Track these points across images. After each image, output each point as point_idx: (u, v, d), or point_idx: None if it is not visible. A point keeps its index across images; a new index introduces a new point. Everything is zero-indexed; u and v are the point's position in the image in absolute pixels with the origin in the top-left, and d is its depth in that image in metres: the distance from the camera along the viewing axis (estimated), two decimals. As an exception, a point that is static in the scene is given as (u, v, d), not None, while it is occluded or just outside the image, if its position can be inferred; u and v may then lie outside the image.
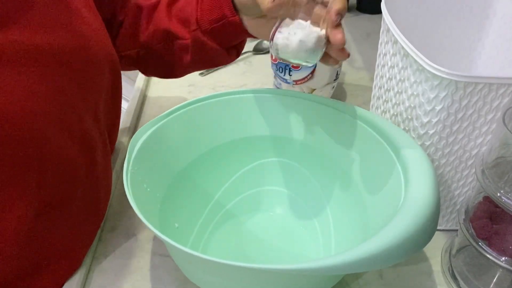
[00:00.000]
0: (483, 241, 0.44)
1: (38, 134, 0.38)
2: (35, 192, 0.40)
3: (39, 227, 0.42)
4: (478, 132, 0.45)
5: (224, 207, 0.55)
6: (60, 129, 0.41)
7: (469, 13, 0.58)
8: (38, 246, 0.43)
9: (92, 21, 0.46)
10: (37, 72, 0.39)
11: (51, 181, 0.41)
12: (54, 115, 0.40)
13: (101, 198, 0.51)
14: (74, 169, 0.44)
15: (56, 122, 0.40)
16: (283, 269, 0.35)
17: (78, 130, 0.44)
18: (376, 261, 0.34)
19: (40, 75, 0.39)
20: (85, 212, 0.47)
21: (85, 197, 0.47)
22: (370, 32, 0.95)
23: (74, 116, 0.43)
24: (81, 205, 0.46)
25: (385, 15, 0.50)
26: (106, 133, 0.51)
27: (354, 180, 0.49)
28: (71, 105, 0.42)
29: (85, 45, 0.44)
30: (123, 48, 0.58)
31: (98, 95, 0.48)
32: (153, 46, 0.56)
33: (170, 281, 0.49)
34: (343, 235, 0.49)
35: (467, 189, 0.51)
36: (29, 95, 0.38)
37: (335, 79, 0.70)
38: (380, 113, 0.56)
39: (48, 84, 0.39)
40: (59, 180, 0.42)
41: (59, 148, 0.41)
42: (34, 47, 0.38)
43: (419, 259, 0.51)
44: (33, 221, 0.41)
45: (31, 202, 0.40)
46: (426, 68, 0.42)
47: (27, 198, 0.39)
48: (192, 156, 0.52)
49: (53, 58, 0.40)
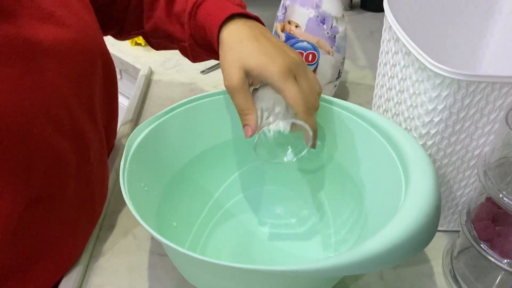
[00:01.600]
0: (485, 242, 0.43)
1: (25, 127, 0.38)
2: (22, 186, 0.39)
3: (27, 222, 0.41)
4: (480, 132, 0.44)
5: (223, 206, 0.54)
6: (48, 123, 0.40)
7: (474, 11, 0.57)
8: (27, 242, 0.43)
9: (83, 14, 0.46)
10: (26, 65, 0.38)
11: (38, 175, 0.40)
12: (42, 108, 0.39)
13: (95, 196, 0.50)
14: (64, 164, 0.43)
15: (44, 116, 0.40)
16: (281, 271, 0.34)
17: (69, 125, 0.43)
18: (376, 262, 0.34)
19: (28, 68, 0.38)
20: (78, 208, 0.47)
21: (78, 194, 0.46)
22: (374, 30, 0.95)
23: (64, 111, 0.42)
24: (73, 201, 0.46)
25: (387, 12, 0.49)
26: (103, 130, 0.51)
27: (354, 179, 0.48)
28: (62, 100, 0.42)
29: (77, 38, 0.43)
30: (131, 28, 0.60)
31: (91, 91, 0.47)
32: (156, 39, 0.58)
33: (168, 280, 0.48)
34: (342, 235, 0.49)
35: (469, 190, 0.50)
36: (16, 88, 0.37)
37: (337, 78, 0.69)
38: (382, 112, 0.56)
39: (36, 78, 0.39)
40: (47, 175, 0.41)
41: (47, 143, 0.40)
42: (24, 40, 0.38)
43: (420, 260, 0.51)
44: (20, 215, 0.40)
45: (17, 196, 0.39)
46: (428, 67, 0.41)
47: (13, 193, 0.39)
48: (191, 155, 0.51)
49: (43, 52, 0.40)
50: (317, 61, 0.66)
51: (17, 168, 0.38)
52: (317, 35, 0.64)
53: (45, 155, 0.40)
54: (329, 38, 0.64)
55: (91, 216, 0.51)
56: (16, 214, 0.40)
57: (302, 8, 0.63)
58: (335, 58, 0.66)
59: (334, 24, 0.64)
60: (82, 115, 0.45)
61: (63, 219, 0.45)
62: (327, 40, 0.64)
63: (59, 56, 0.41)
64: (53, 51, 0.41)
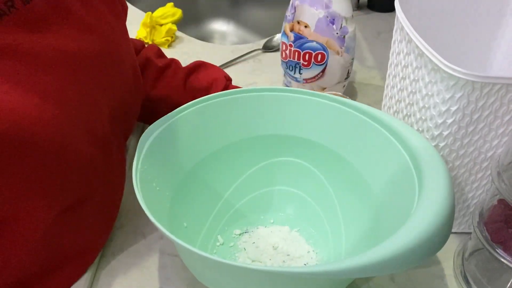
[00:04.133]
0: (498, 244, 0.43)
1: (64, 138, 0.38)
2: (57, 192, 0.39)
3: (58, 228, 0.42)
4: (494, 134, 0.44)
5: (234, 206, 0.54)
6: (84, 132, 0.41)
7: (485, 12, 0.57)
8: (54, 247, 0.43)
9: (115, 25, 0.46)
10: (68, 77, 0.39)
11: (73, 183, 0.41)
12: (80, 119, 0.40)
13: (115, 198, 0.51)
14: (94, 172, 0.44)
15: (81, 127, 0.40)
16: (293, 272, 0.34)
17: (100, 133, 0.44)
18: (388, 266, 0.33)
19: (70, 80, 0.39)
20: (98, 212, 0.47)
21: (100, 198, 0.46)
22: (381, 30, 0.94)
23: (97, 121, 0.43)
24: (96, 206, 0.46)
25: (398, 13, 0.49)
26: (122, 135, 0.51)
27: (366, 181, 0.48)
28: (96, 110, 0.43)
29: (111, 50, 0.44)
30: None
31: (120, 99, 0.48)
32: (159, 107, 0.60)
33: (178, 281, 0.48)
34: (354, 238, 0.49)
35: (481, 192, 0.50)
36: (60, 100, 0.38)
37: (346, 78, 0.69)
38: (393, 113, 0.55)
39: (77, 89, 0.40)
40: (79, 182, 0.42)
41: (81, 151, 0.41)
42: (66, 52, 0.38)
43: (431, 262, 0.50)
44: (54, 221, 0.41)
45: (53, 203, 0.40)
46: (442, 68, 0.41)
47: (49, 199, 0.39)
48: (201, 155, 0.51)
49: (82, 63, 0.40)
50: (326, 62, 0.66)
51: (55, 175, 0.38)
52: (327, 35, 0.64)
53: (80, 164, 0.41)
54: (339, 39, 0.64)
55: (108, 219, 0.51)
56: (50, 220, 0.40)
57: (311, 8, 0.63)
58: (344, 59, 0.66)
59: (343, 24, 0.64)
60: (107, 121, 0.45)
61: (88, 224, 0.46)
62: (336, 40, 0.64)
63: (98, 68, 0.42)
64: (93, 63, 0.41)
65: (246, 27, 1.10)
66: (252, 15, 1.09)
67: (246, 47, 0.87)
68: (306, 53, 0.65)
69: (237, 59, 0.83)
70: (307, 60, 0.66)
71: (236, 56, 0.83)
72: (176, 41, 0.89)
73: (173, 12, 0.89)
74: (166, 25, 0.86)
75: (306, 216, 0.54)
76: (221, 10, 1.12)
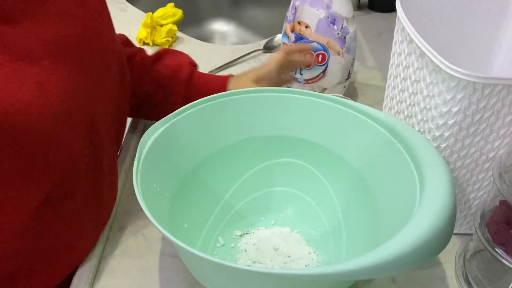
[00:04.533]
0: (499, 246, 0.43)
1: (46, 129, 0.38)
2: (37, 186, 0.39)
3: (39, 220, 0.41)
4: (495, 135, 0.44)
5: (234, 207, 0.54)
6: (68, 124, 0.40)
7: (486, 12, 0.56)
8: (37, 241, 0.43)
9: (100, 13, 0.46)
10: (48, 66, 0.38)
11: (54, 175, 0.40)
12: (64, 110, 0.39)
13: (104, 195, 0.50)
14: (78, 163, 0.43)
15: (66, 118, 0.40)
16: (294, 274, 0.34)
17: (87, 126, 0.43)
18: (390, 268, 0.33)
19: (51, 69, 0.38)
20: (87, 208, 0.47)
21: (88, 193, 0.46)
22: (382, 31, 0.94)
23: (83, 112, 0.42)
24: (83, 201, 0.46)
25: (400, 14, 0.49)
26: (113, 129, 0.51)
27: (366, 182, 0.48)
28: (82, 101, 0.42)
29: (95, 37, 0.44)
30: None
31: (107, 90, 0.47)
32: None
33: (178, 282, 0.48)
34: (354, 238, 0.48)
35: (482, 193, 0.49)
36: (40, 91, 0.37)
37: (346, 79, 0.69)
38: (394, 114, 0.55)
39: (59, 79, 0.39)
40: (62, 175, 0.41)
41: (66, 143, 0.40)
42: (46, 40, 0.38)
43: (432, 263, 0.50)
44: (33, 215, 0.40)
45: (33, 196, 0.39)
46: (443, 69, 0.41)
47: (29, 193, 0.39)
48: (201, 156, 0.51)
49: (64, 52, 0.40)
50: (327, 62, 0.65)
51: (37, 164, 0.38)
52: (327, 35, 0.64)
53: (62, 156, 0.40)
54: (339, 39, 0.64)
55: (99, 217, 0.50)
56: (29, 214, 0.40)
57: (312, 9, 0.63)
58: (345, 59, 0.66)
59: (344, 24, 0.63)
60: (96, 114, 0.45)
61: (71, 219, 0.46)
62: (337, 41, 0.64)
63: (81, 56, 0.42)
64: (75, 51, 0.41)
65: (246, 28, 1.10)
66: (252, 16, 1.09)
67: (246, 48, 0.87)
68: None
69: (237, 59, 0.83)
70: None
71: (237, 57, 0.83)
72: (177, 42, 0.88)
73: (174, 12, 0.89)
74: (166, 26, 0.86)
75: (307, 217, 0.54)
76: (222, 11, 1.12)
